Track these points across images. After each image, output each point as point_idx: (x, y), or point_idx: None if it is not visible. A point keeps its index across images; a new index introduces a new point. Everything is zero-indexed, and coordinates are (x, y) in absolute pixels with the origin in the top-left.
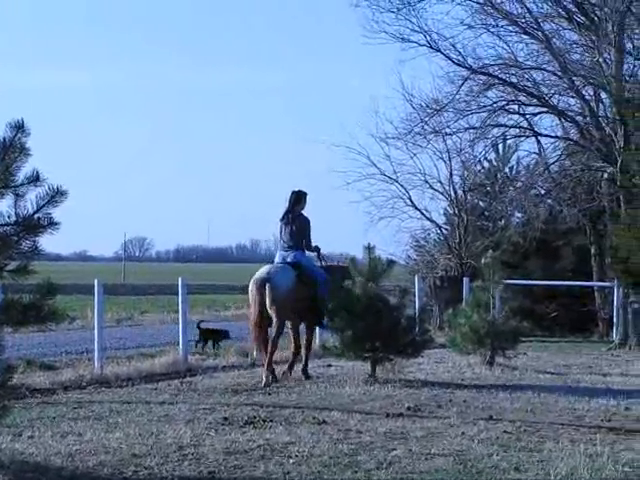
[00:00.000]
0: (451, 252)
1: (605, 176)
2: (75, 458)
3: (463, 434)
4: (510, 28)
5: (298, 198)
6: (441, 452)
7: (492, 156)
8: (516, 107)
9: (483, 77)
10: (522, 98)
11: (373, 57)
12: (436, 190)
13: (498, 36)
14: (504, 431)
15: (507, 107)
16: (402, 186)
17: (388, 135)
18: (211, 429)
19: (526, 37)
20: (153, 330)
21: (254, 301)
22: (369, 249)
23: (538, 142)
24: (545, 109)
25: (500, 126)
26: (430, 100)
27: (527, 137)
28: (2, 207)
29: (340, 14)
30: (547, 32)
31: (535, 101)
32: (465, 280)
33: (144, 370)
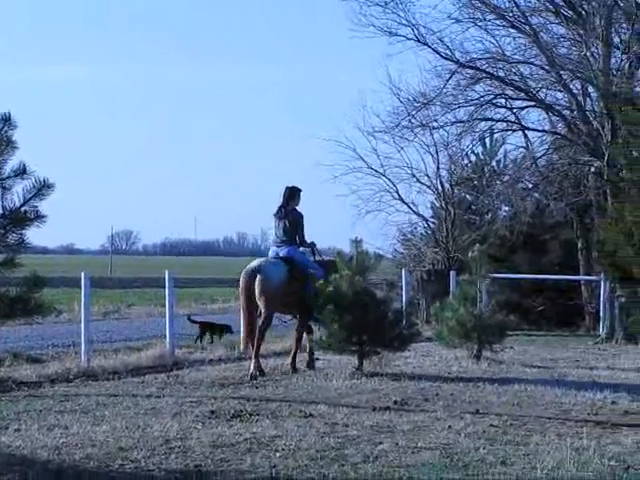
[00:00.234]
0: (438, 246)
1: (592, 170)
2: (61, 451)
3: (450, 428)
4: (498, 22)
5: (292, 194)
6: (427, 446)
7: (479, 150)
8: (503, 101)
9: (470, 71)
10: (509, 92)
11: (361, 51)
12: (423, 184)
13: (486, 30)
14: (491, 425)
15: (494, 101)
16: (389, 180)
17: (375, 129)
18: (198, 422)
19: (514, 31)
20: (140, 323)
21: (243, 292)
22: (356, 243)
23: (525, 136)
24: (532, 103)
25: (487, 120)
26: (417, 94)
27: (514, 131)
28: None
29: (335, 11)
30: (535, 26)
31: (522, 95)
32: (452, 274)
33: (131, 363)
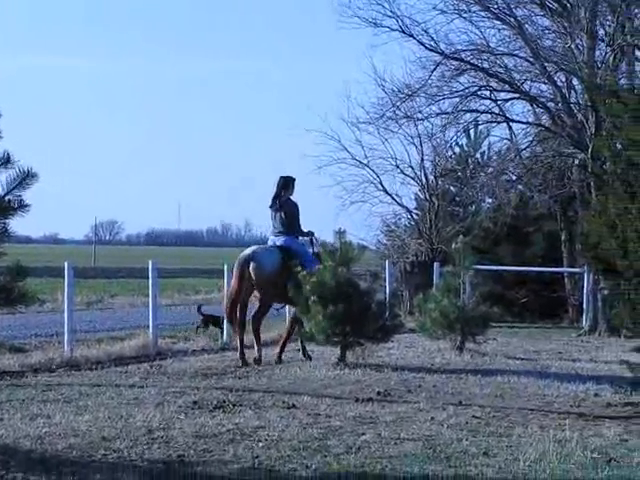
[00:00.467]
0: (422, 237)
1: (576, 162)
2: (44, 441)
3: (432, 419)
4: (482, 14)
5: (286, 183)
6: (410, 437)
7: (463, 141)
8: (488, 93)
9: (455, 62)
10: (494, 84)
11: (347, 42)
12: (407, 175)
13: (470, 22)
14: (473, 416)
15: (479, 93)
16: (373, 171)
17: (360, 120)
18: (180, 413)
19: (498, 23)
20: (123, 313)
21: (236, 279)
22: (340, 234)
23: (509, 128)
24: (517, 95)
25: (472, 112)
26: (402, 85)
27: (498, 123)
28: None
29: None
30: (519, 18)
31: (507, 87)
32: (436, 265)
33: (114, 353)
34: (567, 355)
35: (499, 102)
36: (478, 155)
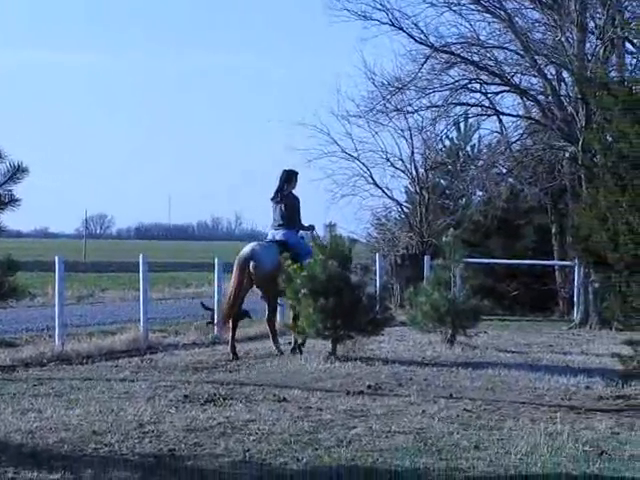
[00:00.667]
0: (412, 230)
1: (567, 155)
2: (35, 435)
3: (423, 412)
4: (472, 7)
5: (289, 177)
6: (401, 430)
7: (454, 134)
8: (478, 86)
9: (445, 55)
10: (484, 77)
11: (338, 36)
12: (397, 168)
13: (460, 14)
14: (464, 409)
15: (469, 86)
16: (363, 164)
17: (350, 113)
18: (171, 406)
19: (488, 16)
20: (114, 307)
21: (236, 277)
22: (330, 227)
23: (500, 121)
24: (507, 88)
25: (462, 105)
26: (392, 78)
27: (489, 116)
28: None
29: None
30: (509, 11)
31: (497, 80)
32: (426, 258)
33: (105, 347)
34: (558, 348)
35: (489, 95)
36: (468, 148)
